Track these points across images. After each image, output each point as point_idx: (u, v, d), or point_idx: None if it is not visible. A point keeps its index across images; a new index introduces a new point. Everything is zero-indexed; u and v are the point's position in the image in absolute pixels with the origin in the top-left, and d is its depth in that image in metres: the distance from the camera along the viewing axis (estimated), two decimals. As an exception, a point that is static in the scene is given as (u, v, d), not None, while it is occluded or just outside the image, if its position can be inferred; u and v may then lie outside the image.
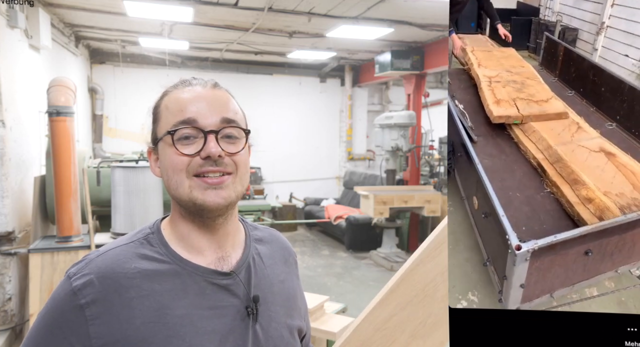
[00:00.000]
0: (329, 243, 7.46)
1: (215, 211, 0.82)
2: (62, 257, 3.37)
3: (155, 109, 0.88)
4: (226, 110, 0.85)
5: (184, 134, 0.82)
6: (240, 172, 0.84)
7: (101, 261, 0.80)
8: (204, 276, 0.83)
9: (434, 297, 0.79)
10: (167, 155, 0.83)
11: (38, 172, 4.38)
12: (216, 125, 0.83)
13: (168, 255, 0.83)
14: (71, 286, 0.78)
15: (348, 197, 8.45)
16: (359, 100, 9.65)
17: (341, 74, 9.37)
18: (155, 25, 5.97)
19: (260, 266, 0.91)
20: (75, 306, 0.77)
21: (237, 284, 0.85)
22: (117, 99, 8.07)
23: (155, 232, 0.86)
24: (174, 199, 0.85)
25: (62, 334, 0.77)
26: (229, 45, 7.17)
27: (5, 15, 3.69)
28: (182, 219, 0.86)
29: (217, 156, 0.81)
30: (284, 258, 0.98)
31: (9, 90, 3.62)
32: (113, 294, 0.77)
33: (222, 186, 0.81)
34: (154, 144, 0.87)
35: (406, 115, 6.83)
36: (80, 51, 6.98)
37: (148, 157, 0.90)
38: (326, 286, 5.34)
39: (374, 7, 5.05)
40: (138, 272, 0.80)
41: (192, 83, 0.88)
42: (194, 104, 0.84)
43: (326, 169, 9.56)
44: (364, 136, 9.78)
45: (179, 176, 0.81)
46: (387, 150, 7.07)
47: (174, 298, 0.80)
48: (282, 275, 0.95)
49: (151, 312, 0.78)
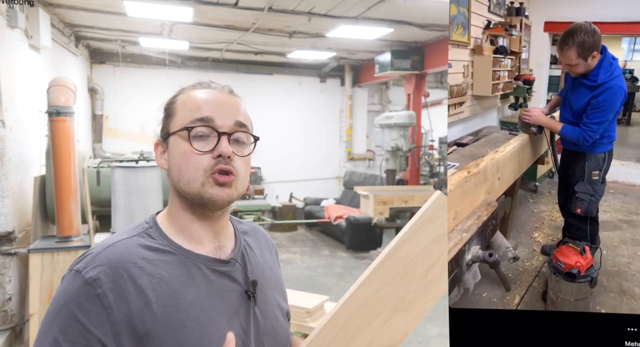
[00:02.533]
0: (329, 243, 7.46)
1: (219, 205, 0.88)
2: (62, 257, 3.37)
3: (170, 105, 0.93)
4: (239, 115, 0.91)
5: (200, 131, 0.87)
6: (242, 176, 0.89)
7: (110, 252, 0.83)
8: (206, 263, 0.88)
9: (414, 274, 0.86)
10: (181, 151, 0.87)
11: (38, 172, 4.38)
12: (230, 128, 0.88)
13: (170, 246, 0.87)
14: (84, 279, 0.79)
15: (348, 197, 8.45)
16: (359, 100, 9.65)
17: (341, 74, 9.37)
18: (155, 25, 5.97)
19: (251, 254, 0.98)
20: (92, 296, 0.78)
21: (237, 271, 0.92)
22: (117, 99, 8.07)
23: (153, 226, 0.91)
24: (179, 191, 0.89)
25: (82, 326, 0.78)
26: (229, 45, 7.17)
27: (5, 15, 3.69)
28: (182, 211, 0.90)
29: (227, 156, 0.86)
30: (268, 248, 1.06)
31: (9, 90, 3.62)
32: (127, 283, 0.80)
33: (227, 184, 0.87)
34: (164, 138, 0.91)
35: (406, 115, 6.83)
36: (80, 51, 6.98)
37: (154, 150, 0.94)
38: (326, 286, 5.34)
39: (374, 7, 5.05)
40: (147, 262, 0.83)
41: (210, 86, 0.93)
42: (211, 105, 0.89)
43: (326, 169, 9.56)
44: (364, 136, 9.78)
45: (195, 173, 0.86)
46: (387, 150, 7.07)
47: (183, 284, 0.84)
48: (270, 263, 1.03)
49: (164, 297, 0.81)
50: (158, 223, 0.91)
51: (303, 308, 2.40)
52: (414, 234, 0.85)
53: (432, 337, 4.00)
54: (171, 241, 0.88)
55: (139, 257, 0.83)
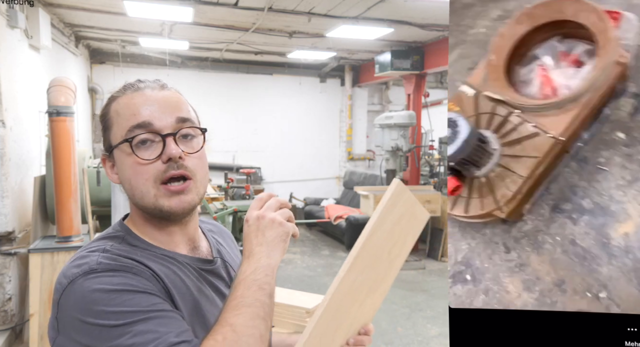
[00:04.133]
0: (329, 243, 7.47)
1: (182, 215, 0.85)
2: (62, 257, 3.37)
3: (104, 116, 0.86)
4: (179, 110, 0.84)
5: (141, 139, 0.81)
6: (199, 176, 0.84)
7: (115, 251, 0.80)
8: (192, 263, 0.88)
9: (381, 258, 0.91)
10: (127, 164, 0.82)
11: (38, 172, 4.38)
12: (172, 127, 0.82)
13: (152, 249, 0.85)
14: (110, 266, 0.75)
15: (348, 197, 8.45)
16: (359, 100, 9.65)
17: (341, 74, 9.37)
18: (155, 25, 5.98)
19: (223, 250, 0.99)
20: (129, 268, 0.75)
21: (220, 268, 0.93)
22: (117, 99, 8.06)
23: (127, 233, 0.86)
24: (137, 206, 0.85)
25: (145, 277, 0.76)
26: (229, 45, 7.18)
27: (5, 15, 3.69)
28: (147, 223, 0.86)
29: (178, 157, 0.80)
30: (232, 243, 1.08)
31: (9, 90, 3.62)
32: (145, 269, 0.78)
33: (185, 192, 0.82)
34: (108, 151, 0.85)
35: (406, 115, 6.82)
36: (80, 51, 6.99)
37: (103, 165, 0.88)
38: (326, 286, 5.34)
39: (374, 7, 5.05)
40: (146, 259, 0.81)
41: (139, 87, 0.86)
42: (146, 107, 0.82)
43: (326, 169, 9.56)
44: (364, 136, 9.79)
45: (144, 186, 0.81)
46: (387, 151, 7.07)
47: (183, 278, 0.84)
48: (237, 257, 1.03)
49: (176, 287, 0.81)
50: (131, 230, 0.87)
51: (303, 308, 2.39)
52: (381, 224, 0.88)
53: (432, 337, 4.00)
54: (151, 245, 0.85)
55: (136, 255, 0.81)
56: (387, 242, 0.91)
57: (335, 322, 0.85)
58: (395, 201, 0.91)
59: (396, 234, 0.93)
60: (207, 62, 8.42)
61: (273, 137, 9.03)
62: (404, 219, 0.94)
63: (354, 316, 0.90)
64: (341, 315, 0.86)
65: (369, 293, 0.91)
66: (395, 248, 0.94)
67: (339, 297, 0.84)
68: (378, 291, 0.94)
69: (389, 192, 0.91)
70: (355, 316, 0.90)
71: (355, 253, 0.85)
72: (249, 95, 8.76)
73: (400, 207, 0.92)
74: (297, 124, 9.24)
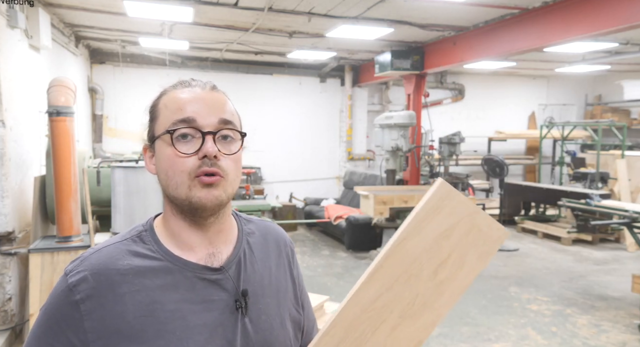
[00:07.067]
0: (329, 243, 7.46)
1: (209, 209, 0.84)
2: (62, 257, 3.37)
3: (153, 108, 0.90)
4: (223, 112, 0.87)
5: (182, 132, 0.84)
6: (231, 177, 0.86)
7: (95, 258, 0.84)
8: (194, 271, 0.86)
9: (420, 275, 0.77)
10: (166, 155, 0.85)
11: (38, 172, 4.38)
12: (214, 126, 0.85)
13: (160, 252, 0.86)
14: (67, 283, 0.81)
15: (348, 197, 8.44)
16: (359, 100, 9.65)
17: (341, 74, 9.36)
18: (155, 25, 5.98)
19: (251, 259, 0.94)
20: (71, 302, 0.80)
21: (227, 279, 0.88)
22: (117, 99, 8.07)
23: (148, 229, 0.90)
24: (169, 197, 0.87)
25: (60, 329, 0.80)
26: (229, 45, 7.17)
27: (5, 15, 3.69)
28: (174, 217, 0.88)
29: (213, 156, 0.82)
30: (277, 250, 1.01)
31: (9, 90, 3.62)
32: (106, 290, 0.80)
33: (214, 185, 0.83)
34: (151, 141, 0.89)
35: (406, 115, 6.82)
36: (80, 51, 6.98)
37: (143, 154, 0.92)
38: (326, 286, 5.34)
39: (374, 7, 5.05)
40: (130, 269, 0.82)
41: (191, 84, 0.89)
42: (193, 104, 0.85)
43: (326, 169, 9.56)
44: (364, 136, 9.78)
45: (180, 177, 0.83)
46: (387, 151, 7.07)
47: (165, 293, 0.83)
48: (274, 267, 0.97)
49: (143, 306, 0.81)
50: (154, 227, 0.90)
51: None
52: (417, 229, 0.76)
53: (432, 337, 4.00)
54: (162, 246, 0.87)
55: (124, 264, 0.83)
56: (428, 257, 0.78)
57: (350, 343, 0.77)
58: (439, 206, 0.78)
59: (445, 251, 0.79)
60: (207, 62, 8.42)
61: (273, 137, 9.03)
62: (458, 231, 0.79)
63: (382, 343, 0.78)
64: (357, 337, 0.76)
65: (403, 318, 0.78)
66: (444, 268, 0.79)
67: (354, 313, 0.75)
68: (420, 319, 0.79)
69: (429, 194, 0.77)
70: (384, 343, 0.78)
71: (377, 263, 0.75)
72: (249, 95, 8.76)
73: (448, 215, 0.79)
74: (297, 124, 9.23)
